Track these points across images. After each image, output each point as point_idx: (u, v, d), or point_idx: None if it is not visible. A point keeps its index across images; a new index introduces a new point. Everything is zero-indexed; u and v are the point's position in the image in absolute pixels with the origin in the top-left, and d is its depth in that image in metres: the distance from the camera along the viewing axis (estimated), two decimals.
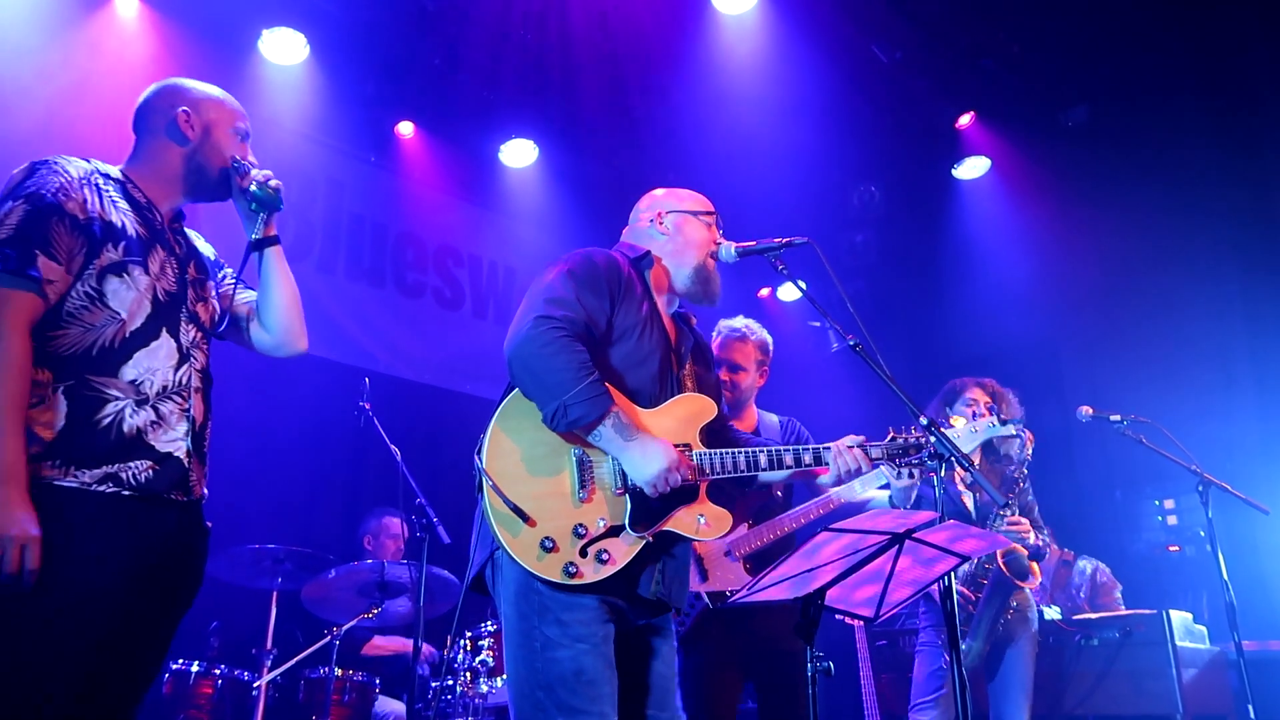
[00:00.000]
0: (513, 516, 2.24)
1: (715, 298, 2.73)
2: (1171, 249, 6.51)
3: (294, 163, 6.32)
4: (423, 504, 4.32)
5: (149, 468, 2.08)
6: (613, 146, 6.95)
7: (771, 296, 8.30)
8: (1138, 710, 4.56)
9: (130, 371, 2.10)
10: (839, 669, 2.21)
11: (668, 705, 2.45)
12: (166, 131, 2.33)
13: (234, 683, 4.41)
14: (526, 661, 2.27)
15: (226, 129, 2.40)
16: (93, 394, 2.05)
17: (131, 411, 2.08)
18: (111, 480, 2.03)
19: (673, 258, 2.70)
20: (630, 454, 2.32)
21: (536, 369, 2.29)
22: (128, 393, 2.09)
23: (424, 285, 6.95)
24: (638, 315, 2.51)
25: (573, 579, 2.24)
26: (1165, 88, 6.43)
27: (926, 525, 2.11)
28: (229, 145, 2.39)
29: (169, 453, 2.13)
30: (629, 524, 2.33)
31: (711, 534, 2.46)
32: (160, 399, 2.14)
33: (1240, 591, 4.09)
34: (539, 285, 2.45)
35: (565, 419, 2.27)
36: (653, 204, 2.81)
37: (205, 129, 2.35)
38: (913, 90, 6.62)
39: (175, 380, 2.17)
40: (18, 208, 2.02)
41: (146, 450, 2.09)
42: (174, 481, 2.14)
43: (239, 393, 5.63)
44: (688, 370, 2.65)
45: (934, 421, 2.47)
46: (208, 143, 2.35)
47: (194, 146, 2.34)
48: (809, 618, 2.17)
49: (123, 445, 2.06)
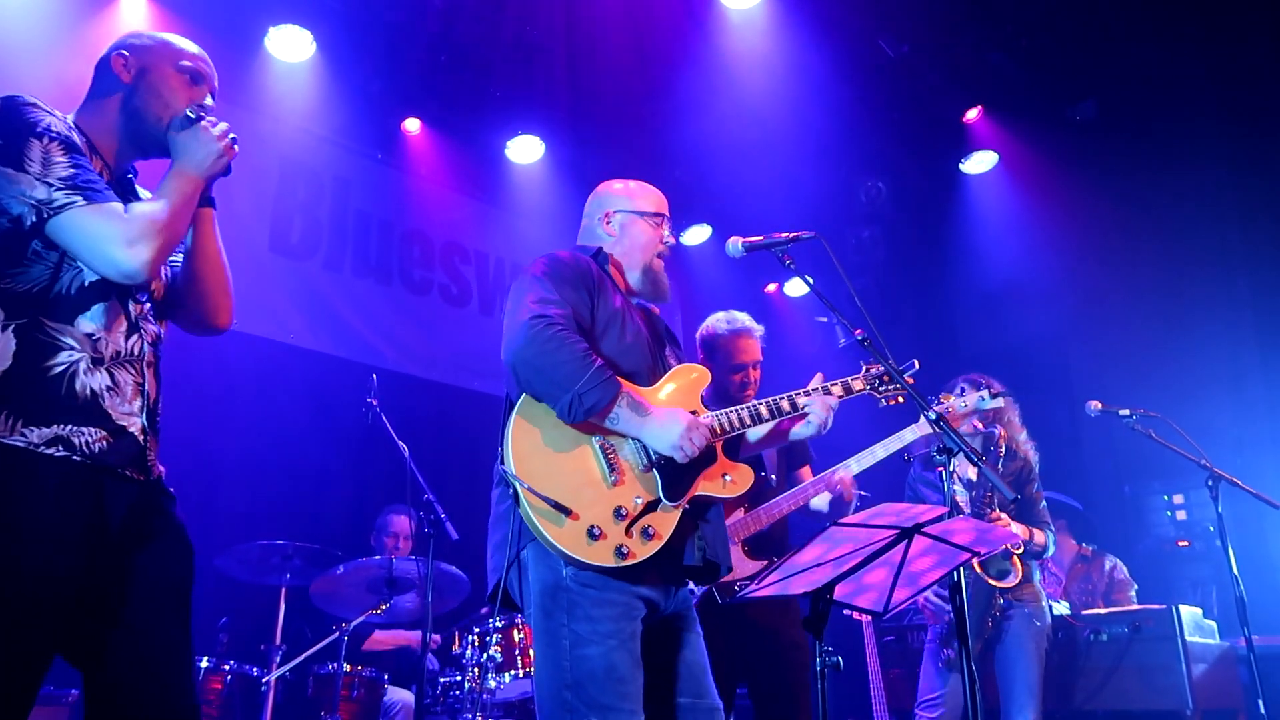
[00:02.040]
0: (555, 512, 2.26)
1: (665, 295, 2.78)
2: (1180, 244, 6.48)
3: (301, 160, 6.34)
4: (431, 500, 4.33)
5: (103, 438, 1.90)
6: (619, 142, 6.94)
7: (778, 292, 8.29)
8: (1148, 705, 4.55)
9: (87, 324, 1.92)
10: (847, 664, 2.21)
11: (704, 692, 2.44)
12: (104, 78, 2.15)
13: (243, 678, 4.42)
14: (554, 660, 2.27)
15: (167, 66, 2.15)
16: (46, 339, 1.87)
17: (86, 368, 1.90)
18: (62, 444, 1.84)
19: (622, 258, 2.74)
20: (649, 427, 2.36)
21: (542, 366, 2.31)
22: (83, 345, 1.91)
23: (431, 282, 6.96)
24: (614, 306, 2.56)
25: (625, 560, 2.26)
26: (1173, 82, 6.40)
27: (935, 520, 2.11)
28: (171, 87, 2.14)
29: (123, 426, 1.94)
30: (664, 496, 2.36)
31: (738, 489, 2.51)
32: (115, 364, 1.96)
33: (1250, 586, 4.07)
34: (520, 293, 2.47)
35: (581, 408, 2.30)
36: (602, 202, 2.82)
37: (141, 69, 2.13)
38: (920, 85, 6.60)
39: (127, 348, 1.99)
40: (54, 145, 1.92)
41: (101, 417, 1.90)
42: (130, 458, 1.95)
43: (247, 389, 5.70)
44: (669, 351, 2.72)
45: (941, 416, 2.47)
46: (143, 83, 2.13)
47: (129, 89, 2.12)
48: (818, 613, 2.17)
49: (74, 405, 1.87)
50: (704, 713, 2.41)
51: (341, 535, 5.41)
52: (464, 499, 4.70)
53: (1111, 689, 4.66)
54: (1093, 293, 6.99)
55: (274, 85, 5.93)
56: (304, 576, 4.60)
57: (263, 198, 6.11)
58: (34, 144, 1.89)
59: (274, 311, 5.92)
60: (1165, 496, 6.35)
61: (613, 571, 2.27)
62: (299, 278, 6.13)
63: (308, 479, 5.77)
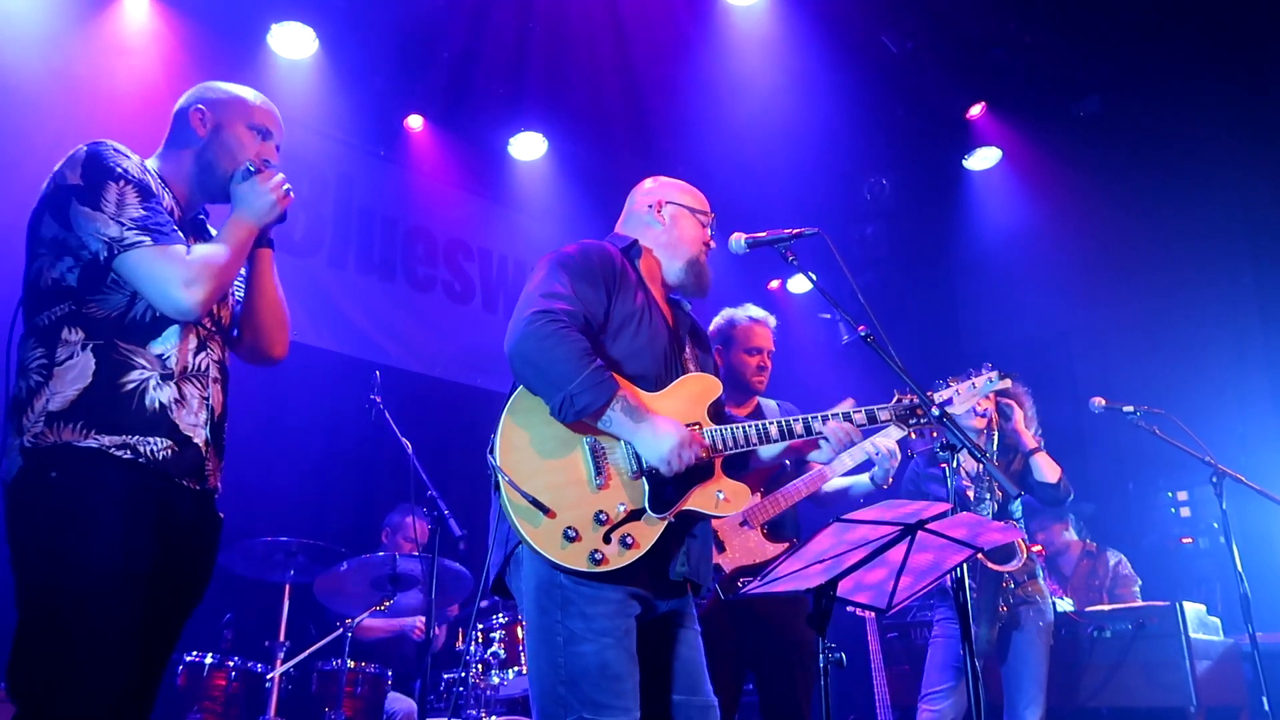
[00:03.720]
0: (532, 509, 2.23)
1: (706, 290, 2.75)
2: (1184, 239, 6.47)
3: (304, 157, 6.33)
4: (434, 496, 4.33)
5: (168, 447, 2.08)
6: (622, 139, 6.93)
7: (781, 288, 8.29)
8: (1151, 702, 4.55)
9: (158, 346, 2.11)
10: (850, 661, 2.20)
11: (699, 690, 2.43)
12: (182, 130, 2.32)
13: (247, 675, 4.43)
14: (549, 657, 2.26)
15: (239, 125, 2.33)
16: (120, 358, 2.06)
17: (156, 384, 2.08)
18: (130, 450, 2.02)
19: (665, 249, 2.70)
20: (641, 435, 2.31)
21: (538, 362, 2.29)
22: (154, 365, 2.09)
23: (434, 279, 6.96)
24: (634, 304, 2.52)
25: (599, 566, 2.23)
26: (1177, 77, 6.38)
27: (938, 517, 2.11)
28: (242, 143, 2.33)
29: (189, 437, 2.13)
30: (649, 506, 2.32)
31: (731, 509, 2.46)
32: (183, 379, 2.14)
33: (1254, 583, 4.06)
34: (532, 282, 2.45)
35: (572, 409, 2.26)
36: (654, 191, 2.79)
37: (216, 126, 2.32)
38: (923, 81, 6.59)
39: (195, 364, 2.18)
40: (128, 189, 2.08)
41: (168, 428, 2.09)
42: (190, 467, 2.13)
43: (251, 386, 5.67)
44: (688, 354, 2.66)
45: (945, 411, 2.47)
46: (217, 140, 2.31)
47: (204, 144, 2.30)
48: (821, 609, 2.17)
49: (144, 418, 2.05)
50: (698, 710, 2.40)
51: (345, 532, 5.41)
52: (467, 496, 4.71)
53: (1115, 685, 4.66)
54: (1096, 289, 6.98)
55: (277, 82, 5.92)
56: (308, 573, 4.61)
57: None
58: (111, 186, 2.08)
59: None
60: (1169, 493, 6.34)
61: (589, 576, 2.24)
62: (303, 275, 6.12)
63: (311, 476, 5.77)
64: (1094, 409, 4.33)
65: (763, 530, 3.56)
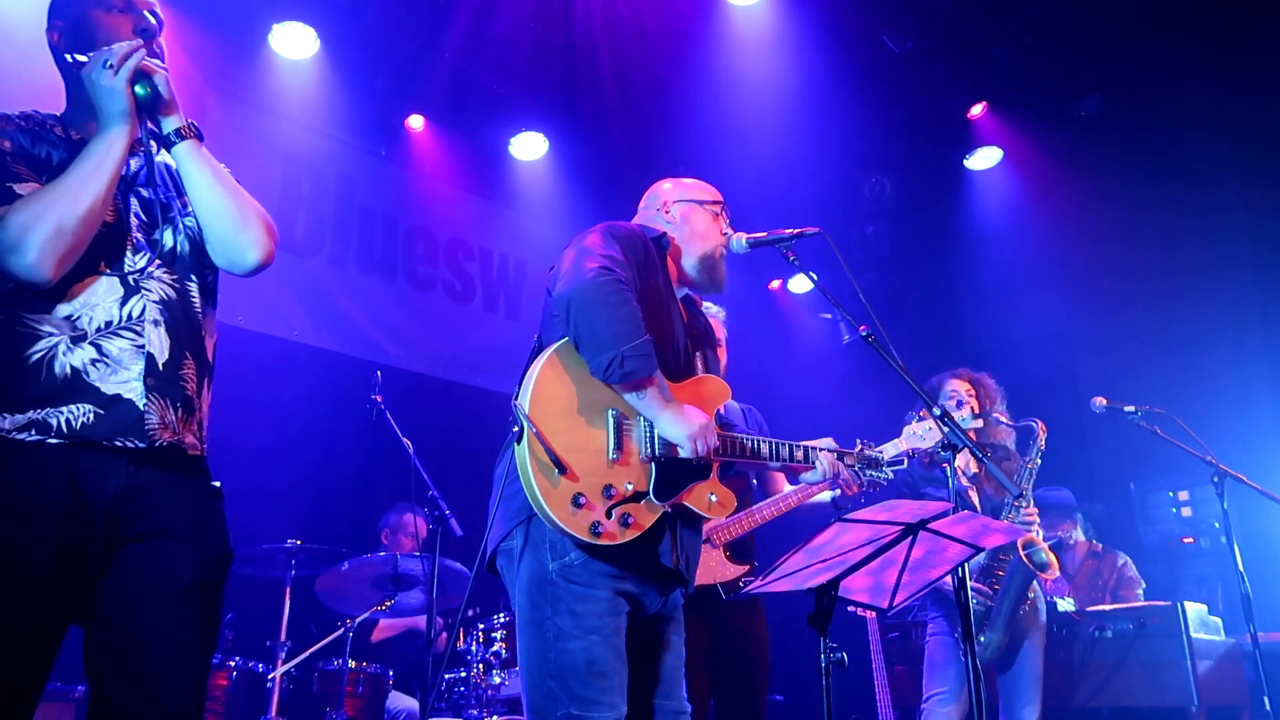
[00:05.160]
0: (551, 466, 2.23)
1: (722, 286, 2.75)
2: (1185, 239, 6.46)
3: (304, 156, 6.34)
4: (435, 497, 4.33)
5: (89, 412, 1.84)
6: (623, 138, 6.93)
7: (782, 288, 8.28)
8: (1153, 702, 4.54)
9: (65, 308, 1.87)
10: (851, 661, 2.20)
11: (674, 695, 2.46)
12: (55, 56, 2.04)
13: (249, 674, 4.43)
14: (539, 652, 2.28)
15: (89, 13, 1.99)
16: (26, 329, 1.85)
17: (66, 348, 1.85)
18: (36, 427, 1.80)
19: (681, 244, 2.71)
20: (670, 412, 2.33)
21: (596, 315, 2.26)
22: (62, 328, 1.86)
23: (435, 279, 6.96)
24: (660, 295, 2.52)
25: (599, 539, 2.23)
26: (1178, 77, 6.38)
27: (940, 516, 2.11)
28: (98, 30, 1.99)
29: (118, 394, 1.87)
30: (652, 492, 2.35)
31: (721, 513, 2.49)
32: (103, 335, 1.89)
33: (1255, 583, 4.06)
34: (586, 239, 2.43)
35: (620, 370, 2.25)
36: (659, 194, 2.81)
37: (65, 29, 2.02)
38: (924, 80, 6.59)
39: (122, 315, 1.91)
40: None
41: (89, 392, 1.85)
42: (122, 426, 1.86)
43: (251, 385, 5.70)
44: (699, 356, 2.68)
45: (946, 412, 2.47)
46: (72, 42, 2.00)
47: (61, 53, 2.00)
48: (822, 609, 2.17)
49: (55, 388, 1.82)
50: (669, 714, 2.43)
51: (346, 532, 5.41)
52: (468, 495, 4.71)
53: (1116, 685, 4.66)
54: (1097, 288, 6.97)
55: (277, 82, 5.94)
56: (309, 573, 4.62)
57: (267, 194, 6.08)
58: None
59: (278, 308, 5.93)
60: (1170, 493, 6.33)
61: (587, 548, 2.25)
62: (303, 274, 6.14)
63: (312, 475, 5.77)
64: (1095, 409, 4.33)
65: (725, 551, 3.53)
